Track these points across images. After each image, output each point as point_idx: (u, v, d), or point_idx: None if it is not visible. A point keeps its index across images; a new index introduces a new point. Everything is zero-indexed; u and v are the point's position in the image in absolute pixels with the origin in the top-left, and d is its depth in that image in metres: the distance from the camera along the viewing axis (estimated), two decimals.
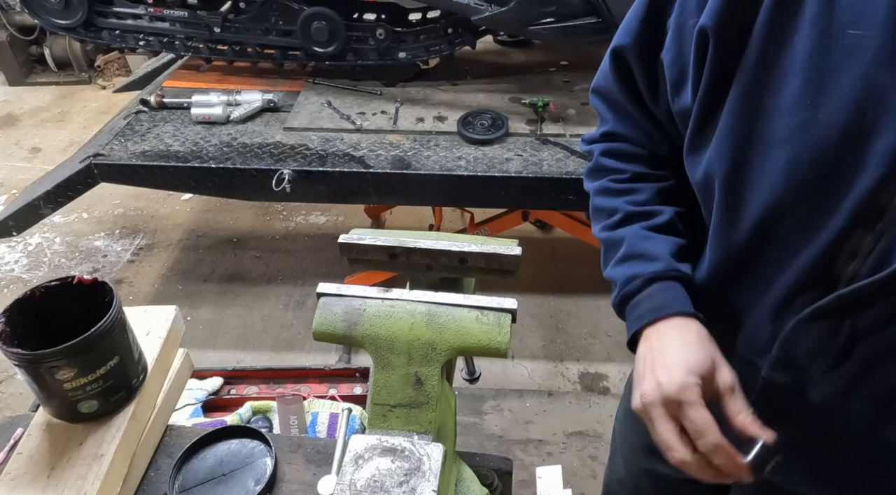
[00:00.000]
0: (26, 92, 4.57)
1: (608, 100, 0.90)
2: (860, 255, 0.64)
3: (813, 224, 0.65)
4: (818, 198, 0.64)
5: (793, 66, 0.63)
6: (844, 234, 0.64)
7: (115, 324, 0.88)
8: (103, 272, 3.01)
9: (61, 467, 0.86)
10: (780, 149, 0.65)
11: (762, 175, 0.67)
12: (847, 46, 0.59)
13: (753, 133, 0.67)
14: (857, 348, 0.69)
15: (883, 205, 0.61)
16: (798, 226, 0.67)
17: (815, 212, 0.65)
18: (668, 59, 0.75)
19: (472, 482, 0.87)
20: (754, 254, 0.72)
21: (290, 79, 2.44)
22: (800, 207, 0.66)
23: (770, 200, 0.67)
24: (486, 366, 2.33)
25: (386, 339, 0.75)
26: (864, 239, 0.63)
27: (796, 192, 0.65)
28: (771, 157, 0.66)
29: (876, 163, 0.59)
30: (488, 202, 2.13)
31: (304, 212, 3.35)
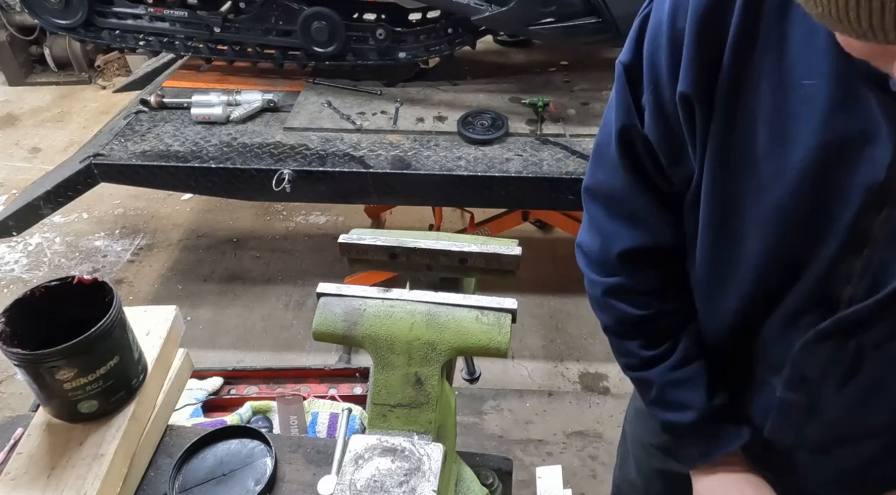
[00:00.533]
0: (26, 92, 4.57)
1: (609, 204, 0.85)
2: (854, 279, 0.68)
3: (805, 255, 0.69)
4: (806, 233, 0.68)
5: (760, 118, 0.66)
6: (836, 262, 0.68)
7: (115, 324, 0.88)
8: (103, 272, 3.01)
9: (61, 467, 0.86)
10: (764, 195, 0.69)
11: (750, 220, 0.71)
12: (803, 96, 0.63)
13: (735, 184, 0.70)
14: (865, 364, 0.72)
15: (865, 232, 0.65)
16: (793, 258, 0.71)
17: (806, 245, 0.69)
18: (656, 135, 0.75)
19: (472, 482, 0.87)
20: (757, 284, 0.76)
21: (290, 79, 2.44)
22: (792, 242, 0.70)
23: (762, 240, 0.71)
24: (486, 366, 2.33)
25: (386, 339, 0.75)
26: (854, 264, 0.67)
27: (785, 232, 0.69)
28: (754, 205, 0.70)
29: (854, 196, 0.63)
30: (488, 202, 2.14)
31: (304, 212, 3.35)
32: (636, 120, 0.76)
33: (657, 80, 0.72)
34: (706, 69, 0.67)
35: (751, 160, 0.68)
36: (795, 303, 0.73)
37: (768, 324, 0.77)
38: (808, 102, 0.62)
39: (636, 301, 0.85)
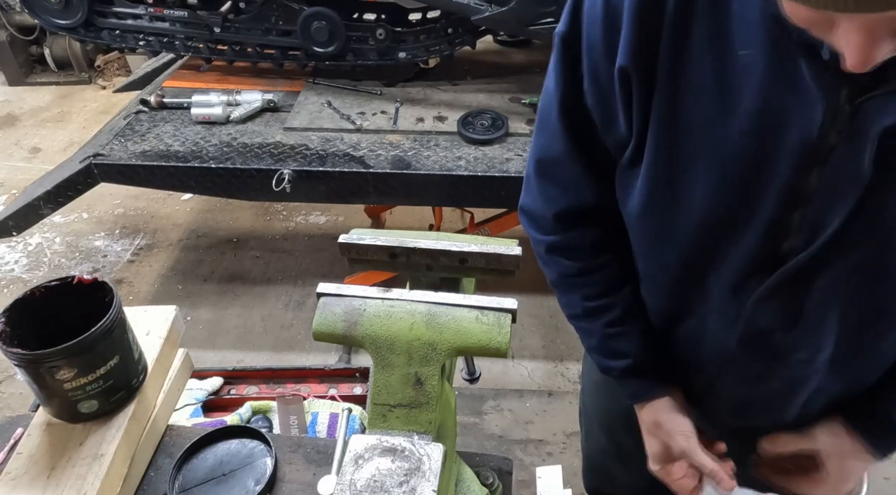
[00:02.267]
0: (26, 92, 4.57)
1: (548, 170, 0.91)
2: (792, 234, 0.73)
3: (746, 215, 0.74)
4: (747, 193, 0.73)
5: (702, 88, 0.70)
6: (776, 218, 0.73)
7: (115, 324, 0.88)
8: (103, 272, 3.01)
9: (61, 467, 0.86)
10: (703, 162, 0.73)
11: (692, 183, 0.75)
12: (741, 66, 0.67)
13: (678, 148, 0.74)
14: (808, 313, 0.79)
15: (802, 188, 0.70)
16: (733, 218, 0.75)
17: (746, 208, 0.74)
18: (592, 101, 0.80)
19: (472, 482, 0.87)
20: (701, 249, 0.80)
21: (290, 79, 2.44)
22: (731, 203, 0.74)
23: (703, 200, 0.75)
24: (486, 366, 2.33)
25: (386, 339, 0.75)
26: (792, 219, 0.72)
27: (725, 197, 0.74)
28: (697, 167, 0.74)
29: (790, 156, 0.68)
30: (488, 202, 2.13)
31: (304, 212, 3.35)
32: (574, 88, 0.81)
33: (593, 52, 0.76)
34: (646, 44, 0.71)
35: (694, 127, 0.72)
36: (742, 260, 0.77)
37: (718, 284, 0.82)
38: (746, 71, 0.67)
39: (574, 256, 0.93)
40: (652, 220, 0.83)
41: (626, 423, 1.15)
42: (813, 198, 0.70)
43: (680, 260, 0.83)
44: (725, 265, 0.80)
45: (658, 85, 0.73)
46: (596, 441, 1.33)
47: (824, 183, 0.68)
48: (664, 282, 0.89)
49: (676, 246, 0.82)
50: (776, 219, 0.73)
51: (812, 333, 0.81)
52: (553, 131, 0.86)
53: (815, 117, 0.65)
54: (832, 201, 0.69)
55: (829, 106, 0.64)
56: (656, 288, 0.92)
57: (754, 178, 0.72)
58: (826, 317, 0.79)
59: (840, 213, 0.68)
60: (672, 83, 0.72)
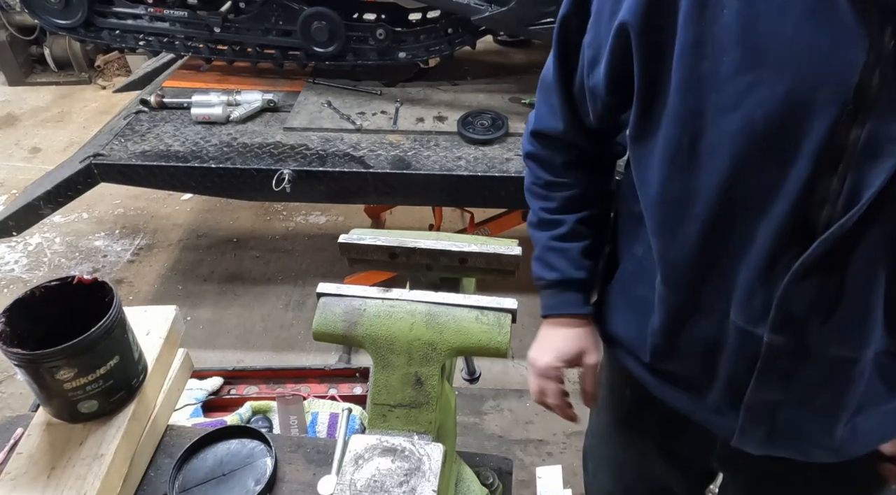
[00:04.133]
0: (26, 92, 4.57)
1: (543, 88, 0.98)
2: (830, 200, 0.66)
3: (778, 179, 0.68)
4: (777, 152, 0.67)
5: (728, 38, 0.66)
6: (810, 182, 0.66)
7: (115, 324, 0.88)
8: (103, 272, 3.01)
9: (61, 467, 0.86)
10: (733, 114, 0.67)
11: (719, 142, 0.70)
12: (775, 8, 0.63)
13: (703, 105, 0.69)
14: (847, 293, 0.71)
15: (841, 146, 0.64)
16: (764, 184, 0.69)
17: (778, 166, 0.67)
18: (588, 39, 0.81)
19: (472, 482, 0.87)
20: (726, 224, 0.74)
21: (290, 79, 2.44)
22: (761, 165, 0.68)
23: (731, 165, 0.69)
24: (486, 366, 2.32)
25: (386, 339, 0.75)
26: (830, 183, 0.66)
27: (755, 151, 0.68)
28: (724, 124, 0.68)
29: (826, 109, 0.63)
30: (488, 202, 2.13)
31: (304, 212, 3.35)
32: (577, 14, 0.82)
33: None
34: (655, 2, 0.69)
35: (719, 80, 0.68)
36: (772, 235, 0.71)
37: (744, 268, 0.75)
38: (781, 16, 0.63)
39: (544, 169, 1.01)
40: (672, 191, 0.77)
41: (638, 470, 1.14)
42: (853, 157, 0.63)
43: (701, 236, 0.76)
44: (753, 242, 0.72)
45: (680, 39, 0.69)
46: (601, 486, 1.28)
47: (865, 138, 0.62)
48: (682, 268, 0.81)
49: (697, 220, 0.76)
50: (811, 182, 0.66)
51: (855, 321, 0.73)
52: (552, 52, 0.90)
53: (856, 60, 0.60)
54: (874, 159, 0.63)
55: (872, 45, 0.59)
56: (673, 275, 0.83)
57: (787, 135, 0.65)
58: (870, 300, 0.71)
59: (883, 173, 0.62)
60: (696, 35, 0.68)
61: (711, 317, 0.82)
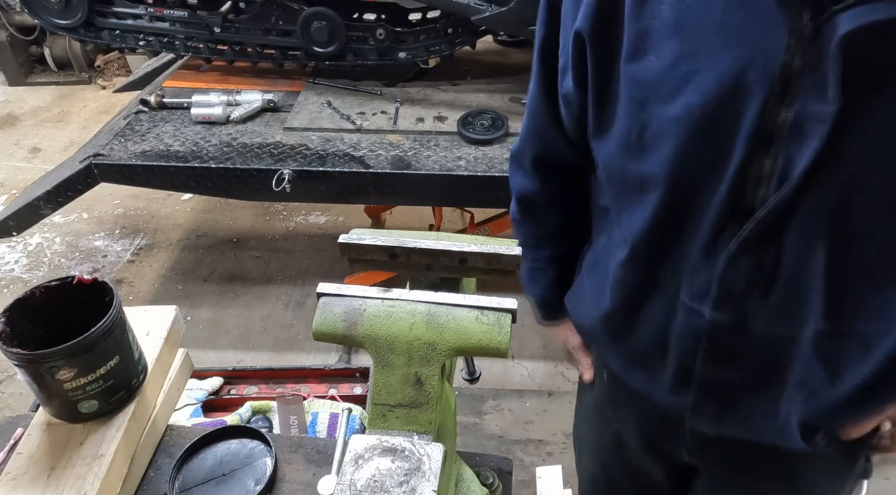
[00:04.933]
0: (26, 92, 4.57)
1: (529, 109, 1.01)
2: (764, 180, 0.70)
3: (717, 161, 0.72)
4: (716, 136, 0.70)
5: (666, 30, 0.70)
6: (746, 163, 0.70)
7: (115, 324, 0.88)
8: (103, 272, 3.01)
9: (61, 467, 0.86)
10: (674, 102, 0.71)
11: (663, 130, 0.74)
12: (703, 2, 0.67)
13: (647, 97, 0.74)
14: (783, 270, 0.74)
15: (771, 128, 0.67)
16: (705, 167, 0.73)
17: (717, 149, 0.71)
18: (561, 46, 0.86)
19: (472, 482, 0.87)
20: (675, 206, 0.78)
21: (290, 79, 2.44)
22: (702, 149, 0.72)
23: (674, 151, 0.73)
24: (486, 366, 2.33)
25: (386, 339, 0.75)
26: (763, 164, 0.70)
27: (696, 137, 0.71)
28: (666, 112, 0.72)
29: (756, 92, 0.66)
30: (488, 202, 2.13)
31: (304, 212, 3.35)
32: (551, 34, 0.88)
33: (566, 5, 0.82)
34: (604, 9, 0.74)
35: (660, 72, 0.72)
36: (714, 214, 0.75)
37: (689, 247, 0.79)
38: (711, 3, 0.67)
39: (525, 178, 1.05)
40: (628, 179, 0.82)
41: (616, 451, 1.15)
42: (781, 138, 0.67)
43: (654, 219, 0.81)
44: (699, 222, 0.77)
45: (625, 36, 0.73)
46: (585, 469, 1.31)
47: (793, 118, 0.66)
48: (640, 250, 0.85)
49: (650, 204, 0.80)
50: (746, 163, 0.70)
51: (792, 299, 0.76)
52: (533, 73, 0.94)
53: (779, 43, 0.64)
54: (801, 139, 0.66)
55: (792, 28, 0.63)
56: (633, 257, 0.87)
57: (723, 120, 0.69)
58: (806, 278, 0.74)
59: (809, 151, 0.65)
60: (637, 31, 0.72)
61: (664, 296, 0.86)
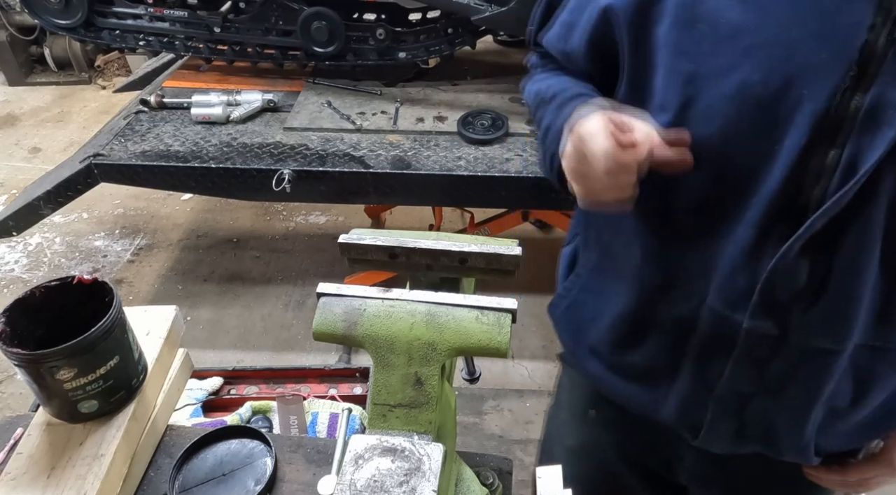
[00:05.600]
0: (26, 92, 4.57)
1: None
2: (825, 174, 0.62)
3: (771, 149, 0.64)
4: (772, 119, 0.63)
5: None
6: (805, 153, 0.62)
7: (115, 324, 0.87)
8: (103, 272, 3.01)
9: (61, 467, 0.86)
10: (728, 77, 0.64)
11: (711, 108, 0.66)
12: None
13: (698, 68, 0.66)
14: (834, 279, 0.67)
15: (840, 116, 0.60)
16: (756, 154, 0.65)
17: (772, 135, 0.63)
18: (572, 3, 0.80)
19: (472, 482, 0.87)
20: (714, 197, 0.70)
21: (290, 79, 2.44)
22: (754, 133, 0.64)
23: (722, 132, 0.66)
24: (486, 366, 2.33)
25: (386, 339, 0.75)
26: (826, 155, 0.62)
27: (749, 118, 0.64)
28: (719, 87, 0.65)
29: (828, 73, 0.59)
30: (488, 202, 2.13)
31: (304, 212, 3.35)
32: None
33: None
34: None
35: (716, 42, 0.64)
36: (761, 211, 0.66)
37: (729, 247, 0.70)
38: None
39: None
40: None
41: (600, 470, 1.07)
42: (852, 127, 0.59)
43: (687, 210, 0.72)
44: (741, 218, 0.68)
45: (670, 6, 0.66)
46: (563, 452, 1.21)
47: (869, 105, 0.58)
48: (664, 244, 0.77)
49: (683, 192, 0.71)
50: (806, 153, 0.62)
51: (841, 310, 0.69)
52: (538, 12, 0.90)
53: (862, 20, 0.56)
54: (875, 129, 0.58)
55: (880, 4, 0.56)
56: (654, 251, 0.78)
57: (783, 101, 0.61)
58: (859, 287, 0.67)
59: (883, 144, 0.58)
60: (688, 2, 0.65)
61: (686, 300, 0.77)
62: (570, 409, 1.10)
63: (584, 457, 1.09)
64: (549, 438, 1.21)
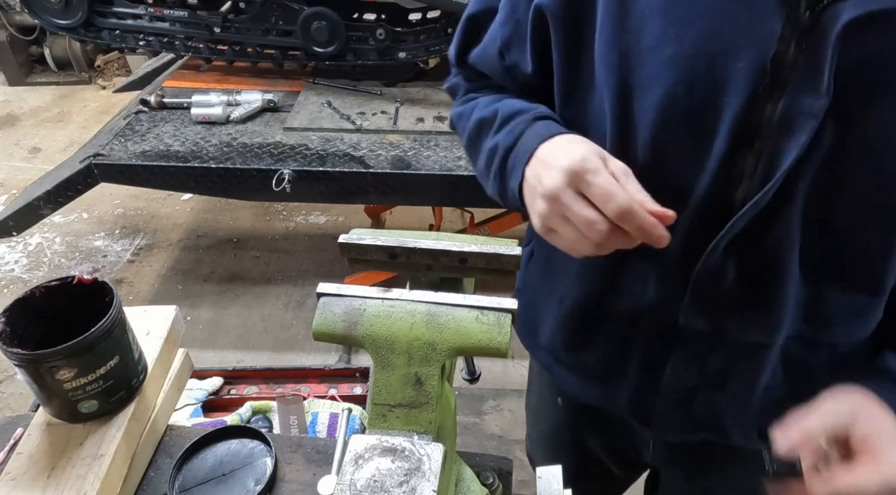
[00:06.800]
0: (26, 92, 4.57)
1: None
2: (746, 177, 0.66)
3: (698, 155, 0.67)
4: (698, 128, 0.66)
5: (650, 9, 0.65)
6: (728, 159, 0.65)
7: (115, 324, 0.87)
8: (103, 272, 3.01)
9: (61, 467, 0.86)
10: (654, 88, 0.66)
11: (642, 117, 0.68)
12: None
13: (626, 79, 0.68)
14: (762, 277, 0.70)
15: (756, 122, 0.63)
16: (685, 161, 0.68)
17: (698, 142, 0.66)
18: (502, 17, 0.79)
19: (472, 482, 0.87)
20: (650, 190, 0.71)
21: (290, 79, 2.44)
22: (682, 141, 0.67)
23: (652, 140, 0.68)
24: (486, 366, 2.32)
25: (386, 339, 0.75)
26: (746, 159, 0.65)
27: (676, 127, 0.67)
28: (647, 98, 0.67)
29: (742, 83, 0.62)
30: (488, 202, 2.12)
31: (304, 212, 3.35)
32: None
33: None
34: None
35: (641, 54, 0.66)
36: (690, 215, 0.69)
37: (664, 251, 0.71)
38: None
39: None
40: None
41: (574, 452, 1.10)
42: (768, 133, 0.63)
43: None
44: (674, 224, 0.68)
45: (601, 13, 0.68)
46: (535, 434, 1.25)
47: (781, 111, 0.62)
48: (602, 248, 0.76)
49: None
50: (727, 158, 0.65)
51: (769, 305, 0.72)
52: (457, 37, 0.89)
53: (773, 31, 0.60)
54: (788, 134, 0.62)
55: (788, 16, 0.59)
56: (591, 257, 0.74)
57: (706, 110, 0.64)
58: (784, 283, 0.70)
59: (795, 148, 0.61)
60: (617, 8, 0.67)
61: (627, 302, 0.80)
62: (540, 397, 1.14)
63: (558, 441, 1.15)
64: (528, 423, 1.27)
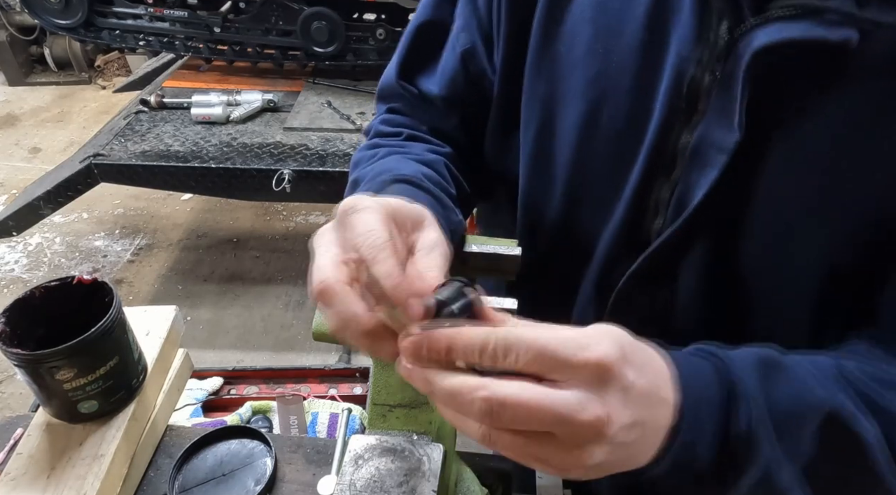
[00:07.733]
0: (26, 92, 4.57)
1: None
2: (661, 209, 0.61)
3: (617, 182, 0.62)
4: (618, 152, 0.61)
5: (581, 16, 0.61)
6: (644, 188, 0.61)
7: (115, 323, 0.87)
8: (103, 272, 3.01)
9: (61, 467, 0.86)
10: (578, 104, 0.62)
11: (565, 132, 0.64)
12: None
13: (554, 92, 0.64)
14: (676, 311, 0.65)
15: (673, 151, 0.58)
16: (603, 186, 0.63)
17: (617, 168, 0.62)
18: (461, 22, 0.74)
19: (472, 482, 0.87)
20: (570, 224, 0.68)
21: (290, 79, 2.44)
22: (602, 165, 0.63)
23: (572, 160, 0.64)
24: None
25: None
26: (663, 190, 0.60)
27: (596, 149, 0.62)
28: (570, 114, 0.63)
29: (662, 108, 0.57)
30: None
31: (304, 212, 3.35)
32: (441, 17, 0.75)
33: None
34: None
35: (569, 64, 0.62)
36: (607, 246, 0.65)
37: (586, 277, 0.69)
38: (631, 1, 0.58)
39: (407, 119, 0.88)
40: (532, 187, 0.71)
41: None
42: (685, 162, 0.58)
43: (551, 240, 0.71)
44: (594, 251, 0.67)
45: (536, 19, 0.63)
46: None
47: (694, 143, 0.56)
48: (532, 271, 0.75)
49: (548, 221, 0.70)
50: (642, 188, 0.60)
51: (686, 335, 0.65)
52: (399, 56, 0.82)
53: (691, 55, 0.55)
54: (701, 168, 0.56)
55: (706, 40, 0.54)
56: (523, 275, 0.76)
57: (627, 134, 0.59)
58: (695, 322, 0.65)
59: (706, 183, 0.56)
60: (548, 14, 0.63)
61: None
62: None
63: None
64: None
